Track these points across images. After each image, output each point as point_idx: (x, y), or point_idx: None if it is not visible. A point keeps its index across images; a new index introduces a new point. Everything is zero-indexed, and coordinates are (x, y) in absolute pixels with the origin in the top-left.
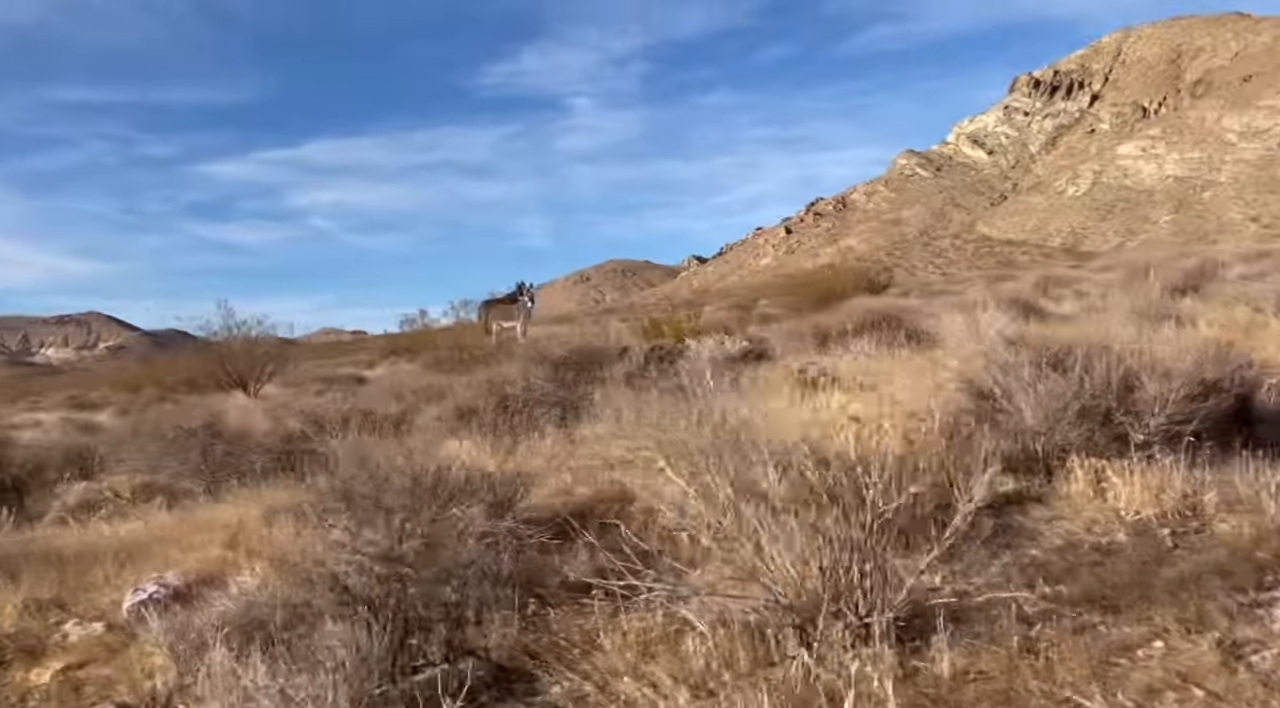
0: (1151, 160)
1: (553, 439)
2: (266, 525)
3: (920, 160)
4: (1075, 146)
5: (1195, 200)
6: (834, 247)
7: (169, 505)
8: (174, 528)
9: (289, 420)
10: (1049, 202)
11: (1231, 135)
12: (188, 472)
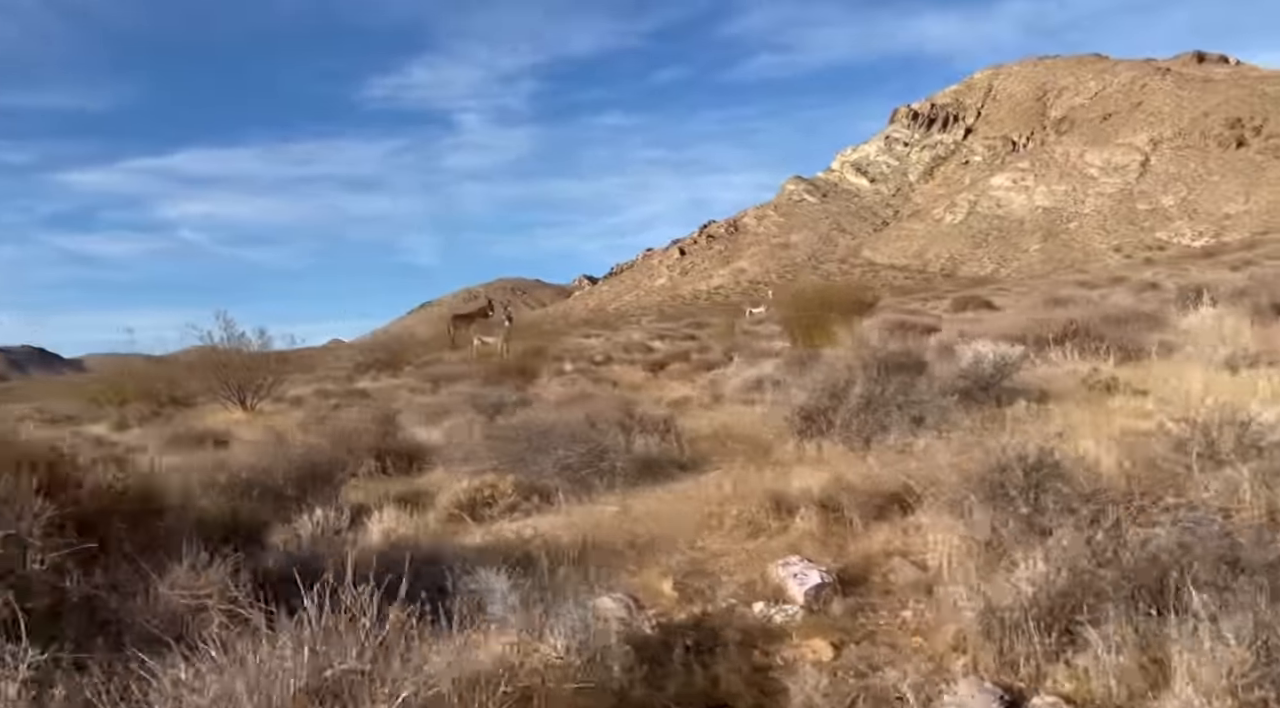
0: (1022, 191)
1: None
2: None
3: (808, 186)
4: (951, 177)
5: (1062, 230)
6: (727, 268)
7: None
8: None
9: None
10: (928, 229)
11: (1093, 170)
12: (552, 470)
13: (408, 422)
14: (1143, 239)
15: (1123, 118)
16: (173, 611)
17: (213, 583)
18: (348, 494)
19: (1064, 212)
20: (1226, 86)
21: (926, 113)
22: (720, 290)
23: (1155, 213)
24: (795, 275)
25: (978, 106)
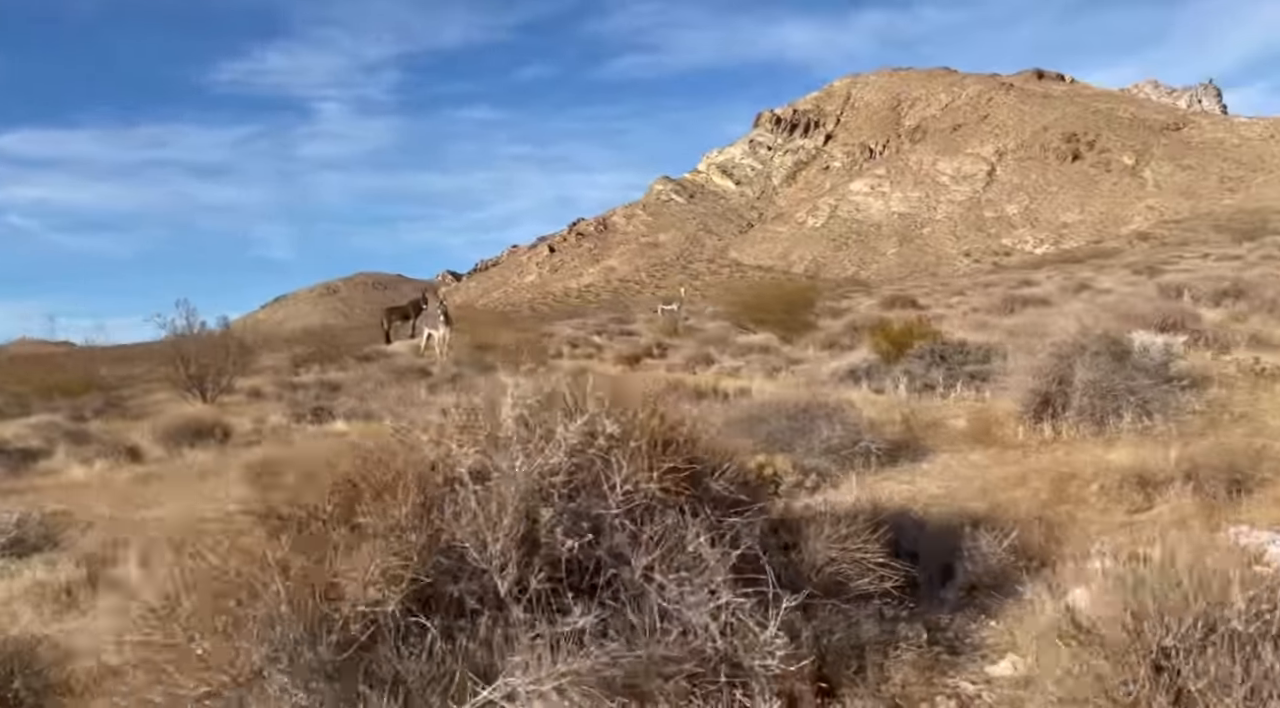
0: (879, 197)
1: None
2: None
3: (675, 187)
4: (813, 181)
5: (916, 235)
6: (597, 267)
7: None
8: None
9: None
10: (792, 232)
11: (945, 178)
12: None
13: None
14: (990, 245)
15: (971, 129)
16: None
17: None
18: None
19: (918, 217)
20: (1063, 103)
21: (789, 118)
22: (591, 289)
23: (1001, 220)
24: (665, 275)
25: (837, 114)
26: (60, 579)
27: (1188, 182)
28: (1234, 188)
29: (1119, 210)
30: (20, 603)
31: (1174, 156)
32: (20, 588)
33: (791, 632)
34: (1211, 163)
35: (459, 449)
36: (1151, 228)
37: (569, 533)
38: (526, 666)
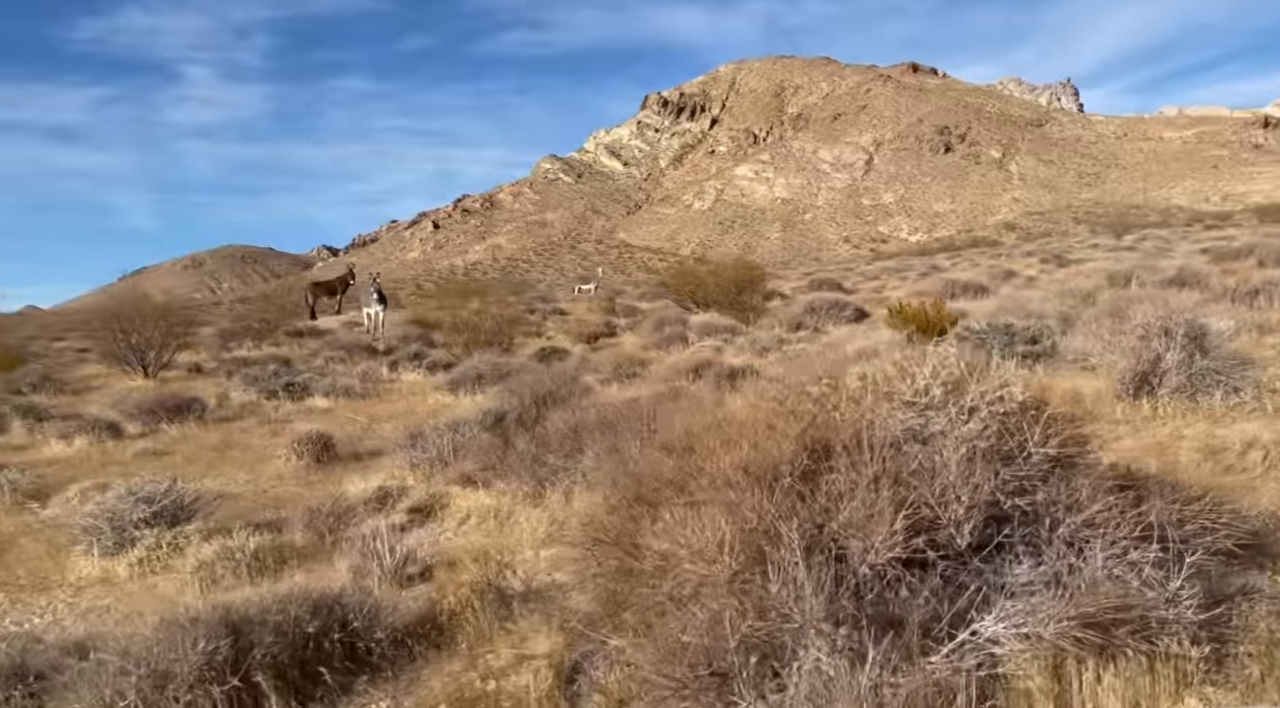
0: (763, 182)
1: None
2: None
3: (562, 166)
4: (699, 165)
5: (799, 220)
6: (483, 244)
7: None
8: None
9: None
10: (678, 214)
11: (825, 165)
12: None
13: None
14: (868, 232)
15: (850, 119)
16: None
17: None
18: None
19: (800, 203)
20: (937, 96)
21: (676, 101)
22: (478, 266)
23: (878, 208)
24: (554, 254)
25: (723, 98)
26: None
27: (1049, 176)
28: (1090, 183)
29: (987, 201)
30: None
31: (1036, 151)
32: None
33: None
34: (1070, 158)
35: (892, 412)
36: (1017, 219)
37: (1003, 492)
38: (1002, 611)
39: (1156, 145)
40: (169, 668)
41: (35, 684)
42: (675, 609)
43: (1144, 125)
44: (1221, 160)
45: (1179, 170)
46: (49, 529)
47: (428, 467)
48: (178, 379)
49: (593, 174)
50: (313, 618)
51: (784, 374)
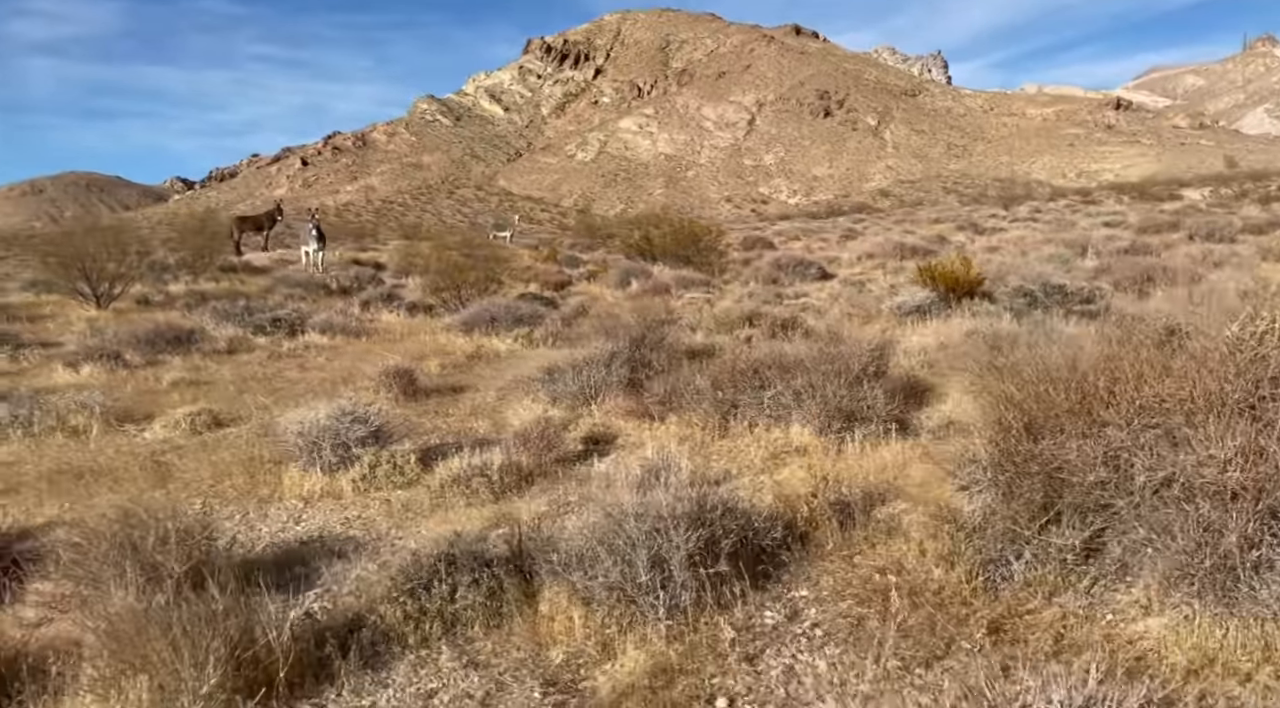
0: (647, 137)
1: None
2: None
3: (440, 107)
4: (582, 115)
5: (681, 177)
6: (355, 185)
7: None
8: None
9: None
10: (561, 164)
11: (709, 123)
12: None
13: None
14: (749, 192)
15: (734, 78)
16: None
17: None
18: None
19: (683, 160)
20: (818, 60)
21: (560, 48)
22: (350, 207)
23: (759, 169)
24: (430, 198)
25: (608, 48)
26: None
27: (921, 145)
28: (959, 154)
29: (863, 167)
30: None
31: (910, 121)
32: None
33: None
34: (940, 129)
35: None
36: (890, 186)
37: None
38: None
39: (1019, 121)
40: (663, 554)
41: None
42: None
43: (1008, 101)
44: (1078, 139)
45: (1039, 146)
46: (203, 449)
47: (570, 401)
48: (130, 310)
49: (472, 118)
50: (730, 518)
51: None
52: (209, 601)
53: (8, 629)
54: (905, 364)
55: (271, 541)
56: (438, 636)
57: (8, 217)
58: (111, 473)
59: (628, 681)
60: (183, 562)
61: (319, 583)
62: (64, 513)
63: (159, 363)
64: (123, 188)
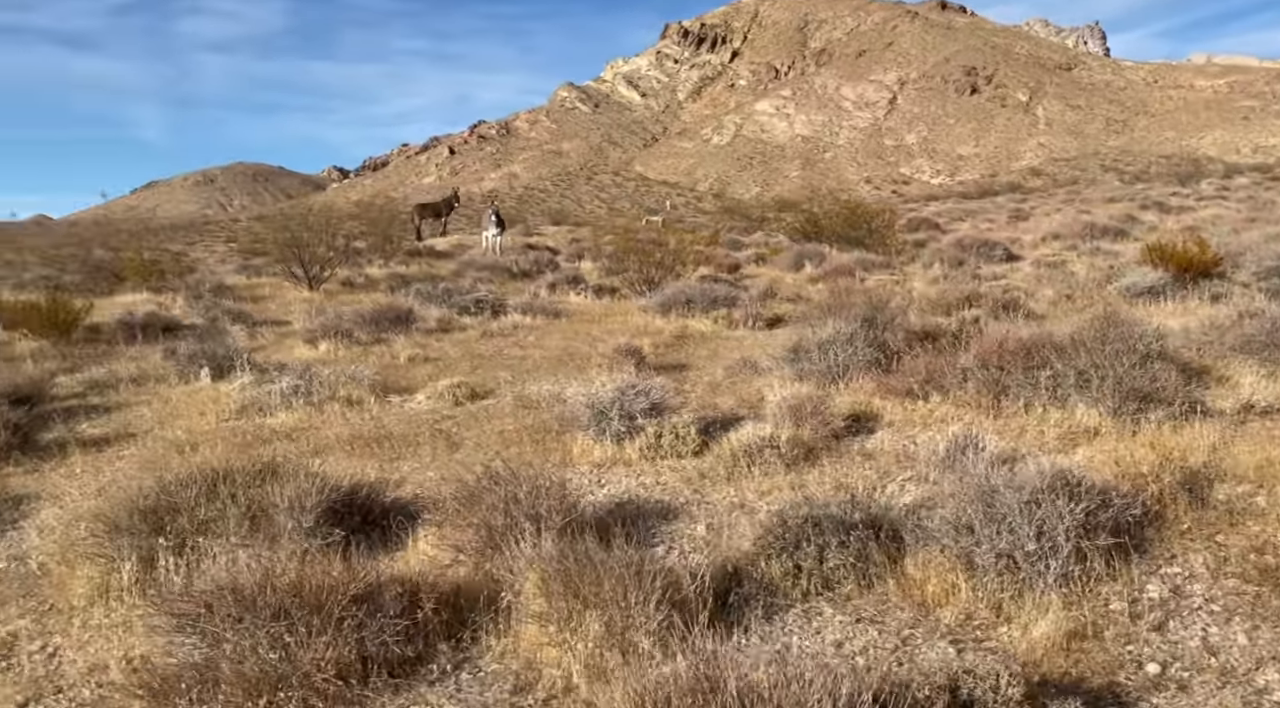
0: (784, 119)
1: None
2: None
3: (580, 94)
4: (718, 98)
5: (819, 158)
6: (499, 172)
7: None
8: None
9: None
10: (696, 148)
11: (848, 103)
12: None
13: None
14: (890, 173)
15: (875, 56)
16: None
17: None
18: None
19: (821, 141)
20: (965, 35)
21: (697, 32)
22: (494, 194)
23: (900, 149)
24: (570, 185)
25: (745, 30)
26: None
27: (1076, 121)
28: (1119, 130)
29: (1012, 145)
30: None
31: (1064, 96)
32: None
33: None
34: (1098, 104)
35: None
36: (1042, 164)
37: None
38: None
39: (1187, 94)
40: (1047, 524)
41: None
42: None
43: (1174, 73)
44: (1252, 111)
45: (1209, 120)
46: (473, 419)
47: (817, 379)
48: (338, 292)
49: (610, 104)
50: (1089, 496)
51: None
52: (621, 548)
53: (421, 569)
54: (1169, 346)
55: (590, 501)
56: (815, 592)
57: (183, 205)
58: (403, 438)
59: (1042, 641)
60: (561, 514)
61: (656, 540)
62: (387, 472)
63: (384, 340)
64: (285, 177)
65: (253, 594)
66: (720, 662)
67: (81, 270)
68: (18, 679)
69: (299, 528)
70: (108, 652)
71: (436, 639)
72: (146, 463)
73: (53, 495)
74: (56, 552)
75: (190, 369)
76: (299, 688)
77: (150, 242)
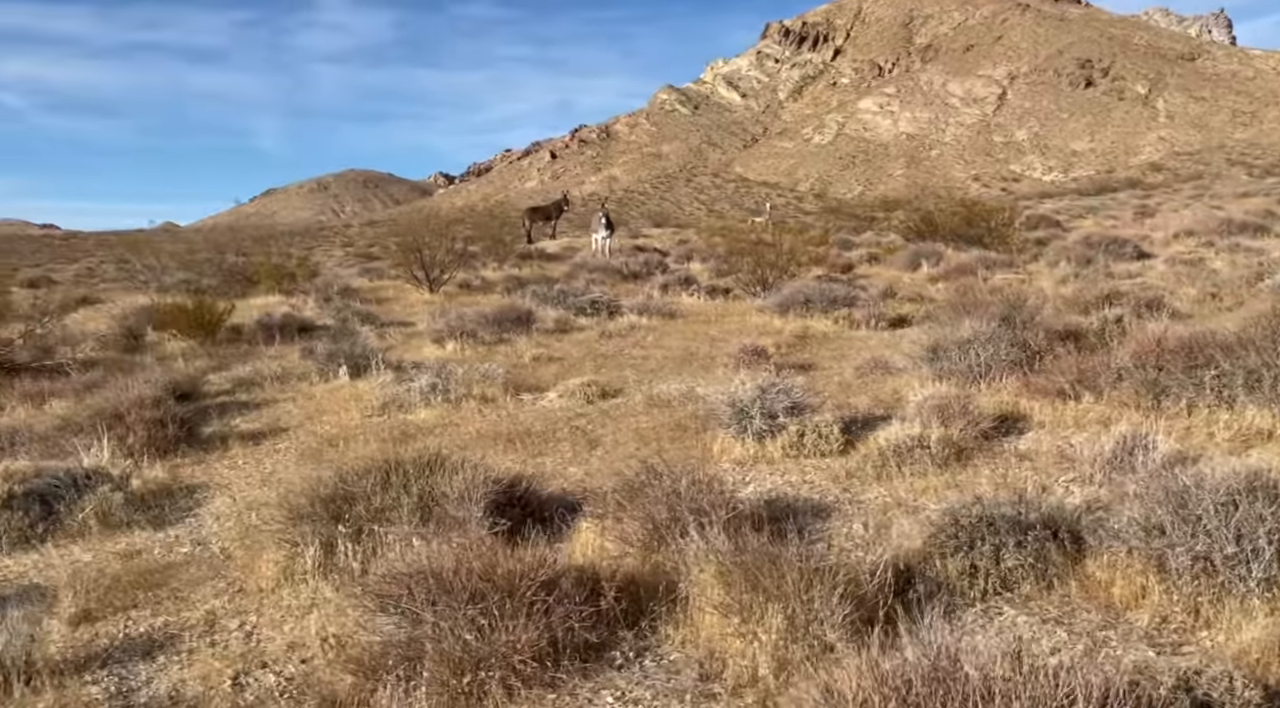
0: (887, 116)
1: None
2: None
3: (679, 96)
4: (820, 97)
5: (924, 156)
6: (599, 175)
7: None
8: None
9: None
10: (797, 148)
11: (955, 100)
12: None
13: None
14: (999, 171)
15: (984, 50)
16: None
17: None
18: None
19: (926, 139)
20: (1079, 27)
21: (798, 30)
22: (594, 197)
23: (1010, 146)
24: (669, 187)
25: (847, 28)
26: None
27: (1200, 113)
28: (1246, 122)
29: (1130, 140)
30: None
31: (1187, 87)
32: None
33: None
34: (1224, 96)
35: None
36: (1163, 159)
37: None
38: None
39: None
40: (1248, 527)
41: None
42: None
43: None
44: None
45: None
46: (606, 417)
47: (958, 379)
48: (456, 294)
49: (710, 106)
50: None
51: None
52: (791, 544)
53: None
54: None
55: (740, 498)
56: (993, 592)
57: (298, 211)
58: (541, 435)
59: (1254, 647)
60: (723, 509)
61: (814, 537)
62: (531, 467)
63: (506, 340)
64: (393, 183)
65: (448, 578)
66: (953, 652)
67: (217, 274)
68: (225, 654)
69: (469, 517)
70: (302, 630)
71: (617, 627)
72: (303, 455)
73: (220, 485)
74: (235, 537)
75: (329, 368)
76: (498, 668)
77: (273, 247)
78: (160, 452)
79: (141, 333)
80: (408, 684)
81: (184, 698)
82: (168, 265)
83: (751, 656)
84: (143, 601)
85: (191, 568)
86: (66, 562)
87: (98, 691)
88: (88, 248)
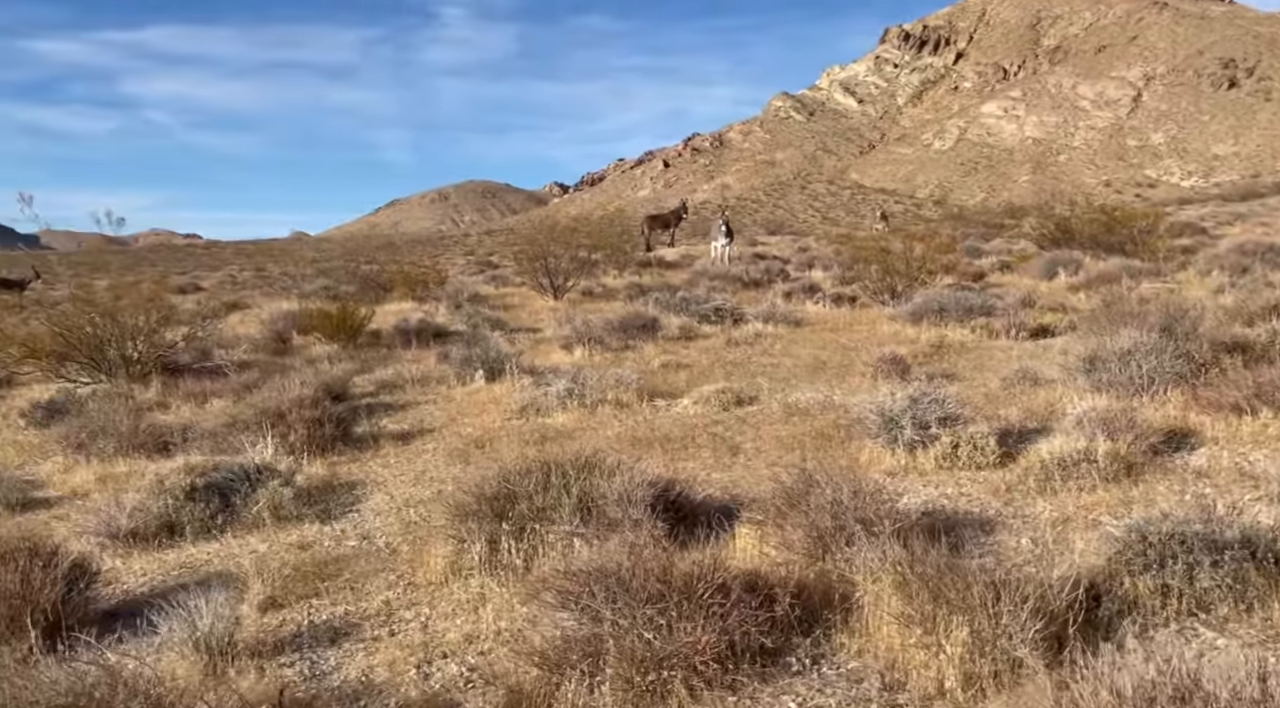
0: (1012, 121)
1: None
2: None
3: (794, 103)
4: (940, 102)
5: (1051, 162)
6: (711, 183)
7: None
8: None
9: None
10: (916, 154)
11: (1085, 102)
12: None
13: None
14: (1132, 176)
15: (1117, 51)
16: None
17: None
18: None
19: (1054, 144)
20: (1222, 25)
21: (918, 34)
22: (706, 205)
23: (1145, 150)
24: (783, 194)
25: (970, 31)
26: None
27: None
28: None
29: (1278, 143)
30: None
31: None
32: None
33: None
34: None
35: None
36: None
37: None
38: None
39: None
40: None
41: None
42: None
43: None
44: None
45: None
46: (743, 424)
47: (1118, 392)
48: (580, 301)
49: (825, 112)
50: None
51: None
52: (971, 555)
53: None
54: None
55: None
56: (1188, 613)
57: (420, 221)
58: (680, 441)
59: None
60: (889, 519)
61: (980, 551)
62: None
63: (632, 347)
64: (510, 193)
65: (626, 578)
66: (1194, 671)
67: (353, 281)
68: (407, 644)
69: (633, 519)
70: (475, 623)
71: (791, 633)
72: (450, 455)
73: (375, 482)
74: (398, 533)
75: (465, 372)
76: (680, 668)
77: (400, 255)
78: (319, 449)
79: (288, 337)
80: (592, 679)
81: (374, 684)
82: (305, 273)
83: (937, 668)
84: (322, 590)
85: (361, 561)
86: (246, 551)
87: (293, 673)
88: (226, 256)
